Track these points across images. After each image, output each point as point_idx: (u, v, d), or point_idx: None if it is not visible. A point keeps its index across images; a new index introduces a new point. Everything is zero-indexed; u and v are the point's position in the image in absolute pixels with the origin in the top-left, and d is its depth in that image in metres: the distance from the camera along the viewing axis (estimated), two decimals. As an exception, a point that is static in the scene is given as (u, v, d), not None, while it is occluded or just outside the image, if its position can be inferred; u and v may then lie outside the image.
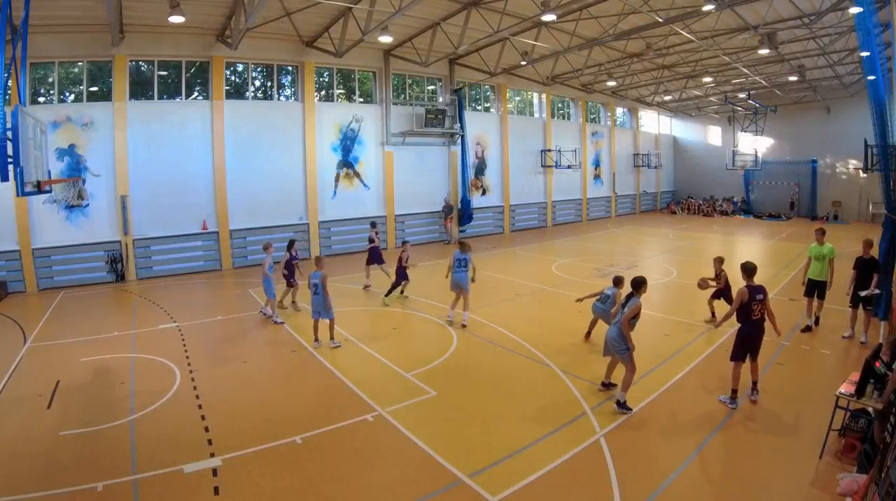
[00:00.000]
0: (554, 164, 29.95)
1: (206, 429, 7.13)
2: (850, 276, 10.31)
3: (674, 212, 37.60)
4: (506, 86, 27.71)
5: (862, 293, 9.93)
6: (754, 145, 33.82)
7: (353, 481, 5.96)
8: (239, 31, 16.15)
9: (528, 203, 29.65)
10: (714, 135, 38.75)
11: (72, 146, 16.41)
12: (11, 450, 6.65)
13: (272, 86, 20.76)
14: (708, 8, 15.10)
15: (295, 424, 7.23)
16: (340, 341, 10.58)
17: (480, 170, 27.04)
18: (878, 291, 9.86)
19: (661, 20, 16.56)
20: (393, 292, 13.93)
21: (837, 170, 32.39)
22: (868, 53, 11.51)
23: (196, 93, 19.11)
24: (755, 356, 7.69)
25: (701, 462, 6.26)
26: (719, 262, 11.50)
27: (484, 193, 27.23)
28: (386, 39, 17.70)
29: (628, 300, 7.65)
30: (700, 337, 10.74)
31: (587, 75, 27.88)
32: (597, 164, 34.40)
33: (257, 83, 20.70)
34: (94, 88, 17.21)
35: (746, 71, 24.99)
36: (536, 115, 30.68)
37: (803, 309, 11.08)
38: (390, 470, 6.19)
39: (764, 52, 19.95)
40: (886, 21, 13.50)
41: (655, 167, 38.33)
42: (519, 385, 8.61)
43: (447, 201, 24.65)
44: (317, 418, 7.43)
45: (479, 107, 27.90)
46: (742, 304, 7.52)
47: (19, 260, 15.78)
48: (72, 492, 5.71)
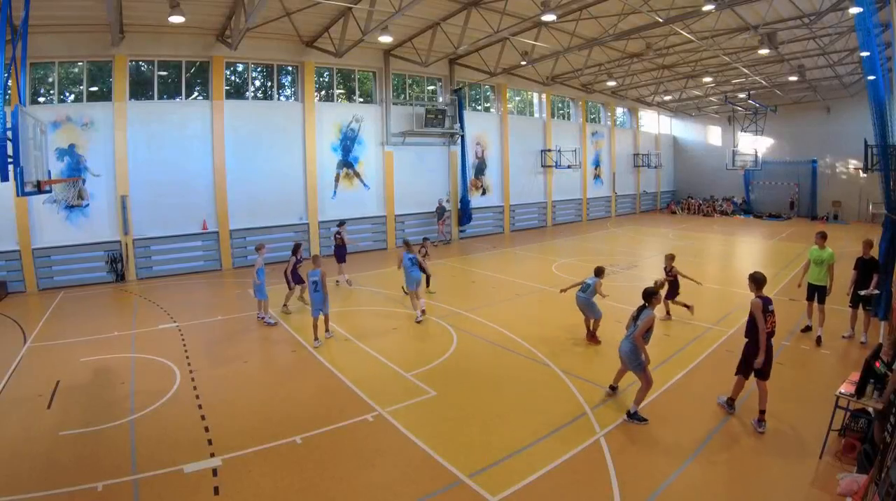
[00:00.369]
0: (554, 164, 29.95)
1: (207, 429, 7.14)
2: (850, 276, 10.31)
3: (674, 212, 37.59)
4: (506, 86, 27.71)
5: (861, 292, 9.93)
6: (754, 145, 33.81)
7: (353, 481, 5.96)
8: (239, 31, 16.15)
9: (528, 203, 29.64)
10: (714, 134, 38.75)
11: (72, 146, 16.41)
12: (11, 450, 6.66)
13: (272, 86, 20.75)
14: (708, 8, 15.10)
15: (295, 424, 7.23)
16: (332, 332, 11.08)
17: (480, 170, 27.04)
18: (878, 291, 9.86)
19: (661, 20, 16.57)
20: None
21: (837, 170, 32.38)
22: (868, 53, 11.52)
23: (196, 94, 19.10)
24: (765, 376, 6.95)
25: (701, 463, 6.25)
26: (670, 259, 11.82)
27: (484, 193, 27.22)
28: (386, 39, 17.70)
29: (640, 312, 7.29)
30: (700, 337, 10.72)
31: (587, 75, 27.87)
32: (597, 164, 34.38)
33: (257, 83, 20.70)
34: (94, 88, 17.21)
35: (746, 71, 24.98)
36: (536, 115, 30.67)
37: (803, 310, 11.05)
38: (390, 470, 6.19)
39: (764, 52, 19.96)
40: (886, 21, 13.50)
41: (655, 167, 38.33)
42: (519, 385, 8.61)
43: (441, 202, 24.50)
44: (317, 418, 7.43)
45: (479, 107, 27.89)
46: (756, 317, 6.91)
47: (19, 260, 15.79)
48: (72, 492, 5.72)
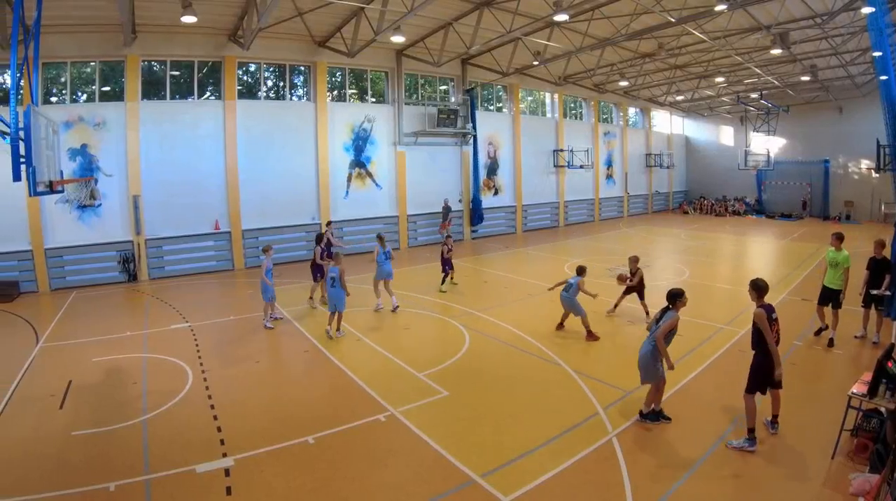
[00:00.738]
0: (566, 164, 29.82)
1: (219, 429, 7.13)
2: (862, 277, 10.17)
3: (686, 212, 37.33)
4: (518, 86, 27.63)
5: (873, 292, 9.80)
6: (766, 145, 33.46)
7: (365, 481, 5.93)
8: (251, 31, 16.20)
9: (540, 203, 29.54)
10: (726, 134, 38.44)
11: (84, 146, 16.53)
12: (23, 450, 6.67)
13: (284, 86, 20.82)
14: (720, 8, 14.97)
15: (307, 424, 7.21)
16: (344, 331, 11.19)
17: (493, 170, 26.97)
18: (889, 292, 9.72)
19: (673, 20, 16.44)
20: (445, 281, 15.16)
21: (850, 170, 32.03)
22: (880, 53, 11.41)
23: (208, 93, 19.20)
24: (778, 385, 6.65)
25: (713, 463, 6.19)
26: (634, 261, 12.03)
27: (496, 193, 27.15)
28: (398, 39, 17.68)
29: (664, 313, 7.00)
30: (713, 337, 10.61)
31: (599, 75, 27.73)
32: (609, 164, 34.20)
33: (269, 83, 20.79)
34: (107, 88, 17.34)
35: (759, 71, 24.77)
36: (549, 115, 30.57)
37: (815, 312, 10.78)
38: (403, 470, 6.16)
39: (776, 52, 19.74)
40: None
41: (667, 167, 38.05)
42: (531, 385, 8.56)
43: (446, 202, 23.92)
44: (329, 418, 7.41)
45: (492, 107, 27.84)
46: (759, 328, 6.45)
47: (31, 260, 15.89)
48: (84, 492, 5.72)
